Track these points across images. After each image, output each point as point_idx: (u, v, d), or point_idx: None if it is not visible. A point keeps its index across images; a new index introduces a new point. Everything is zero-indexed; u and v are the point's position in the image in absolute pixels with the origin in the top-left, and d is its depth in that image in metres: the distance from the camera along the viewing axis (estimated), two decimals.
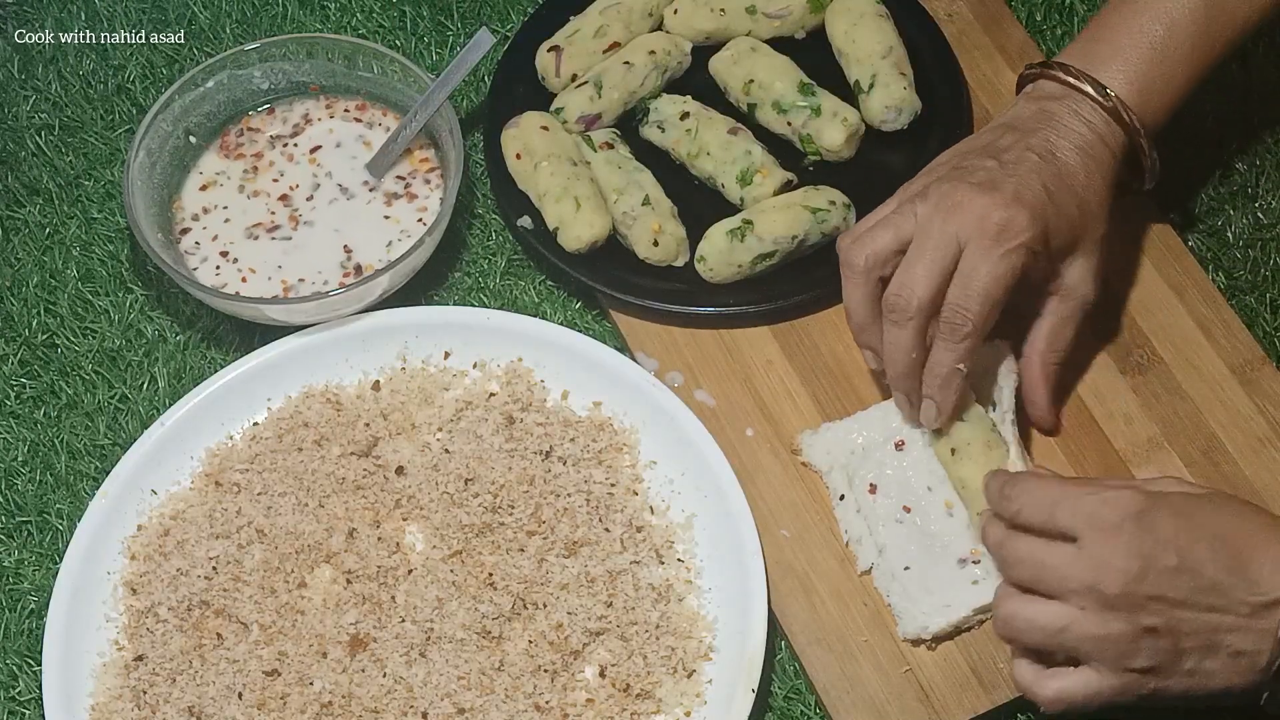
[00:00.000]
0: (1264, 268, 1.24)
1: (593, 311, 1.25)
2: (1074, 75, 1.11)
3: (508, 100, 1.30)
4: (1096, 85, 1.11)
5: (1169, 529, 0.95)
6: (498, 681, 1.09)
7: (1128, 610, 0.95)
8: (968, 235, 1.06)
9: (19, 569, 1.17)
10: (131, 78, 1.36)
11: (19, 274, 1.28)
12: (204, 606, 1.13)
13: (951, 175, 1.09)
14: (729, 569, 1.12)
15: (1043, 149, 1.10)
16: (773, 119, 1.27)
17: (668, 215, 1.23)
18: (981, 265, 1.06)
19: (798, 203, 1.21)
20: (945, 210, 1.07)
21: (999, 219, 1.06)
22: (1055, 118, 1.11)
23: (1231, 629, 0.94)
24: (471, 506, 1.15)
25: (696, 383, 1.20)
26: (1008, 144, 1.11)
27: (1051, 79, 1.13)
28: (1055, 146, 1.10)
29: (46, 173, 1.32)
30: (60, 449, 1.21)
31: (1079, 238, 1.10)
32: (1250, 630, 0.94)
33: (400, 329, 1.21)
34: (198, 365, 1.24)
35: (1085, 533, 0.96)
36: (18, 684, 1.13)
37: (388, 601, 1.12)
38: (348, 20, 1.38)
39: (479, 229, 1.29)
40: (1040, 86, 1.14)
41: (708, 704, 1.09)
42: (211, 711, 1.09)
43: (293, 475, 1.17)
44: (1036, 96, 1.13)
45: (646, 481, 1.17)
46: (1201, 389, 1.18)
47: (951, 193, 1.07)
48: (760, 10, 1.30)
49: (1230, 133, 1.29)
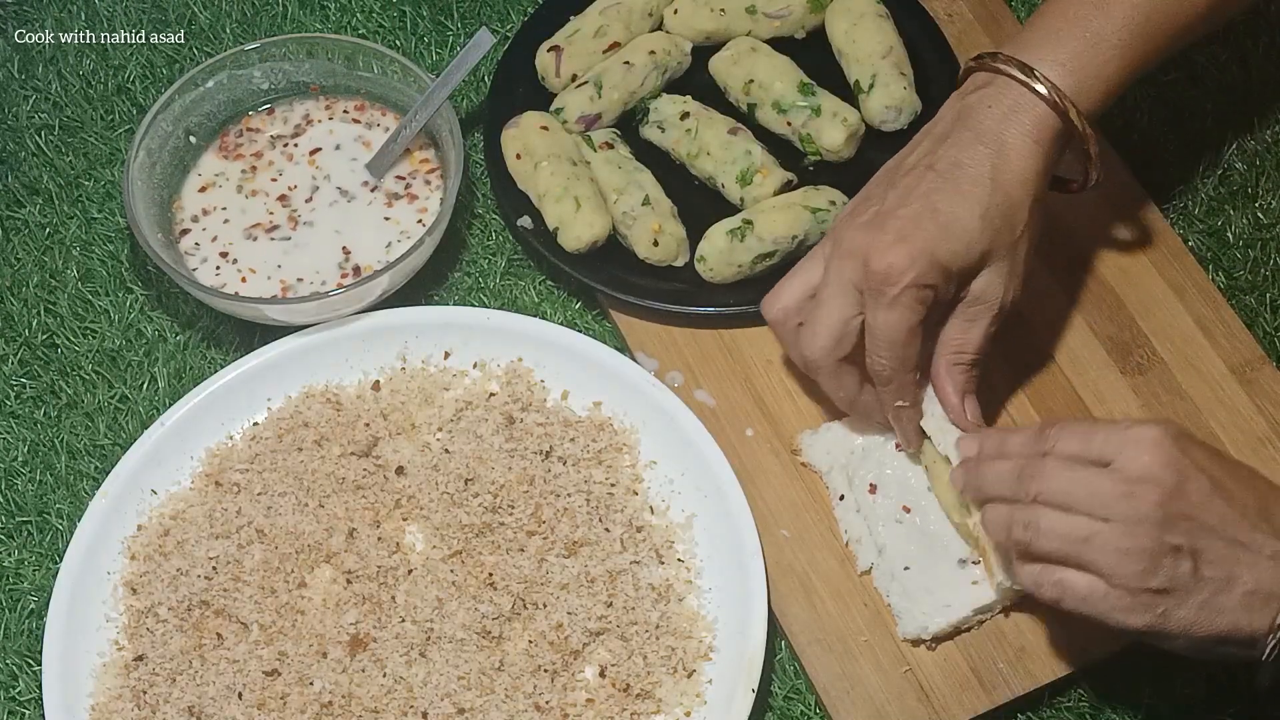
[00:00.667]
0: (1264, 268, 1.24)
1: (593, 311, 1.25)
2: (1002, 60, 1.09)
3: (508, 100, 1.30)
4: (1024, 67, 1.08)
5: (1204, 457, 0.97)
6: (498, 681, 1.09)
7: (1157, 525, 0.95)
8: (860, 283, 1.06)
9: (19, 569, 1.17)
10: (131, 78, 1.36)
11: (19, 274, 1.28)
12: (204, 606, 1.13)
13: (849, 213, 1.10)
14: (729, 569, 1.12)
15: (944, 162, 1.08)
16: (773, 119, 1.27)
17: (668, 215, 1.23)
18: (876, 315, 1.06)
19: (798, 203, 1.21)
20: (838, 258, 1.08)
21: (879, 267, 1.05)
22: (973, 114, 1.09)
23: (1251, 565, 0.95)
24: (471, 506, 1.15)
25: (696, 383, 1.20)
26: (914, 161, 1.09)
27: (982, 68, 1.11)
28: (961, 153, 1.08)
29: (46, 173, 1.32)
30: (60, 449, 1.21)
31: (987, 250, 1.08)
32: (1267, 571, 0.95)
33: (400, 329, 1.21)
34: (198, 365, 1.24)
35: (1124, 452, 0.96)
36: (18, 684, 1.13)
37: (388, 601, 1.12)
38: (348, 20, 1.38)
39: (479, 229, 1.29)
40: (972, 79, 1.12)
41: (708, 704, 1.09)
42: (211, 711, 1.09)
43: (293, 475, 1.17)
44: (964, 91, 1.11)
45: (646, 481, 1.17)
46: (1201, 389, 1.18)
47: (841, 237, 1.08)
48: (760, 10, 1.30)
49: (1230, 133, 1.29)
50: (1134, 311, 1.21)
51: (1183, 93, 1.31)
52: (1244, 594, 0.95)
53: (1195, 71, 1.32)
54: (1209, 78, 1.32)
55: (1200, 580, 0.95)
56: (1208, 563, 0.95)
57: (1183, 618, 0.96)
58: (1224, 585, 0.95)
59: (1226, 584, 0.95)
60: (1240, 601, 0.95)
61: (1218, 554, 0.95)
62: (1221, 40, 1.32)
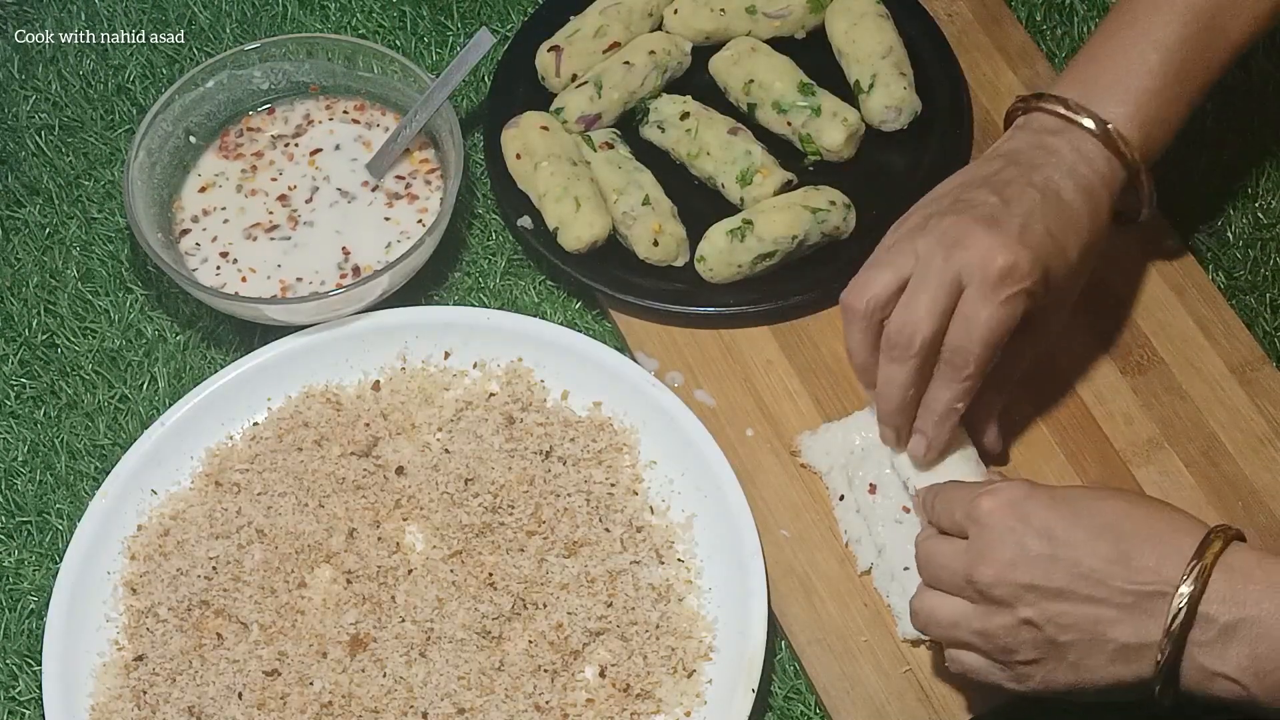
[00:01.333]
0: (1264, 268, 1.24)
1: (593, 311, 1.25)
2: (1073, 109, 1.08)
3: (508, 100, 1.30)
4: (1098, 120, 1.07)
5: (1045, 517, 0.94)
6: (498, 681, 1.09)
7: (1006, 602, 0.94)
8: (970, 275, 1.03)
9: (19, 569, 1.17)
10: (131, 78, 1.36)
11: (19, 274, 1.28)
12: (204, 606, 1.13)
13: (953, 208, 1.06)
14: (729, 569, 1.12)
15: (1045, 187, 1.06)
16: (773, 119, 1.27)
17: (668, 215, 1.23)
18: (983, 309, 1.03)
19: (798, 203, 1.21)
20: (947, 245, 1.04)
21: (1003, 262, 1.03)
22: (1057, 153, 1.08)
23: (1114, 621, 0.93)
24: (471, 506, 1.15)
25: (696, 383, 1.20)
26: (1009, 178, 1.07)
27: (1049, 113, 1.09)
28: (1059, 186, 1.07)
29: (46, 173, 1.32)
30: (60, 449, 1.21)
31: (1073, 284, 1.08)
32: (1132, 622, 0.92)
33: (400, 329, 1.21)
34: (198, 365, 1.24)
35: (970, 525, 0.96)
36: (18, 684, 1.13)
37: (388, 601, 1.12)
38: (348, 20, 1.38)
39: (479, 229, 1.29)
40: (1036, 119, 1.10)
41: (708, 704, 1.09)
42: (211, 711, 1.09)
43: (293, 475, 1.17)
44: (1034, 129, 1.09)
45: (646, 481, 1.17)
46: (1201, 389, 1.18)
47: (954, 227, 1.04)
48: (760, 10, 1.30)
49: (1230, 133, 1.29)
50: (1134, 311, 1.21)
51: None
52: (1114, 650, 0.93)
53: None
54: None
55: (1062, 646, 0.94)
56: (1064, 628, 0.94)
57: (1062, 680, 0.95)
58: (1090, 646, 0.94)
59: (1092, 644, 0.93)
60: (1112, 656, 0.93)
61: (1074, 617, 0.93)
62: None
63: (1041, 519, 0.94)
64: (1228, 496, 1.14)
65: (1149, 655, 0.92)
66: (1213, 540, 0.92)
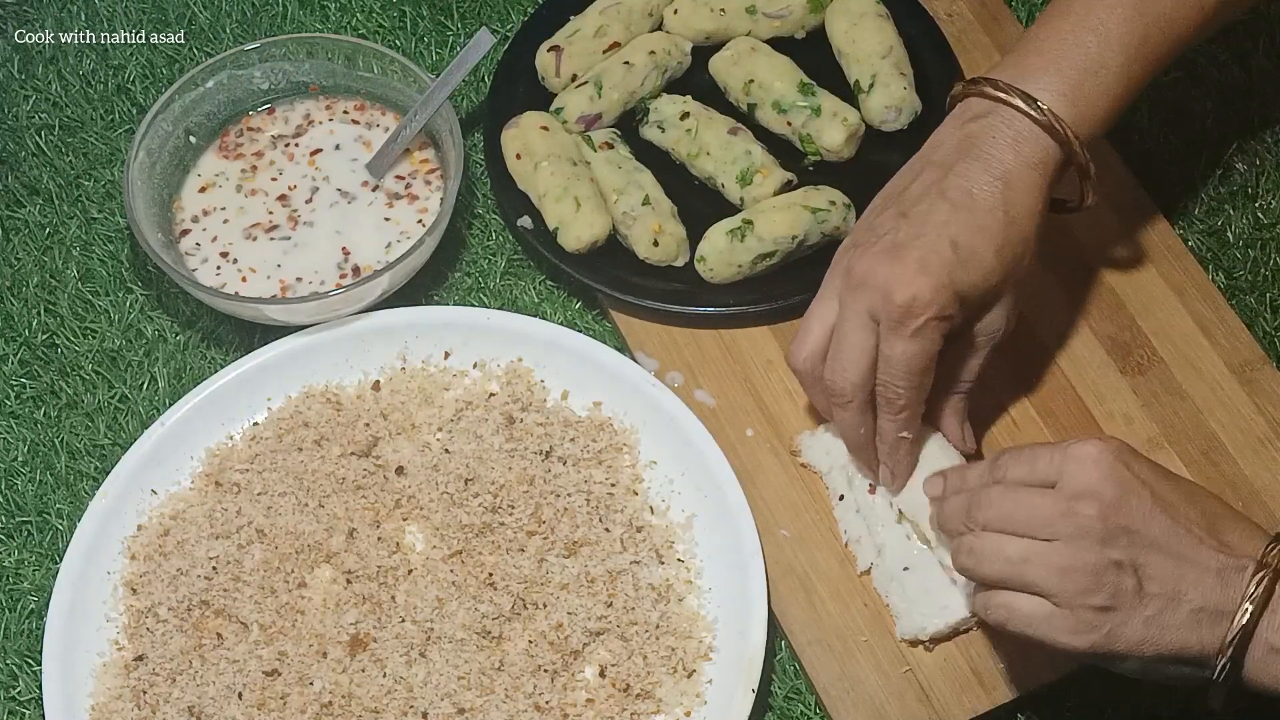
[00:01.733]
0: (1264, 268, 1.24)
1: (593, 311, 1.25)
2: (1002, 89, 1.06)
3: (508, 100, 1.30)
4: (1026, 98, 1.06)
5: (1148, 472, 0.95)
6: (498, 681, 1.09)
7: (1098, 540, 0.93)
8: (877, 313, 1.04)
9: (19, 569, 1.17)
10: (131, 78, 1.36)
11: (19, 274, 1.28)
12: (204, 606, 1.13)
13: (859, 238, 1.07)
14: (729, 569, 1.12)
15: (956, 191, 1.05)
16: (773, 119, 1.27)
17: (668, 215, 1.23)
18: (896, 345, 1.04)
19: (798, 203, 1.21)
20: (853, 287, 1.05)
21: (901, 299, 1.03)
22: (977, 144, 1.06)
23: (1197, 582, 0.93)
24: (471, 506, 1.15)
25: (696, 383, 1.20)
26: (921, 189, 1.06)
27: (980, 95, 1.08)
28: (973, 184, 1.05)
29: (46, 173, 1.32)
30: (60, 449, 1.21)
31: (997, 285, 1.07)
32: (1215, 588, 0.93)
33: (400, 329, 1.21)
34: (198, 365, 1.24)
35: (1065, 470, 0.95)
36: (18, 684, 1.13)
37: (388, 601, 1.12)
38: (348, 20, 1.38)
39: (479, 229, 1.29)
40: (968, 105, 1.09)
41: (708, 704, 1.09)
42: (211, 711, 1.09)
43: (293, 475, 1.17)
44: (963, 119, 1.08)
45: (646, 481, 1.17)
46: (1201, 389, 1.18)
47: (858, 265, 1.05)
48: (760, 10, 1.30)
49: (1230, 133, 1.29)
50: (1134, 311, 1.21)
51: (1183, 93, 1.31)
52: (1191, 611, 0.94)
53: (1195, 71, 1.32)
54: (1209, 78, 1.32)
55: (1145, 596, 0.94)
56: (1151, 578, 0.94)
57: (1129, 636, 0.94)
58: (1170, 602, 0.94)
59: (1172, 600, 0.94)
60: (1188, 619, 0.94)
61: (1162, 569, 0.94)
62: (1221, 40, 1.32)
63: (1142, 471, 0.95)
64: (1228, 496, 1.14)
65: (1222, 625, 0.93)
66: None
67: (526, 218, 1.25)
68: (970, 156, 1.06)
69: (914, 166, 1.09)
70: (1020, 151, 1.06)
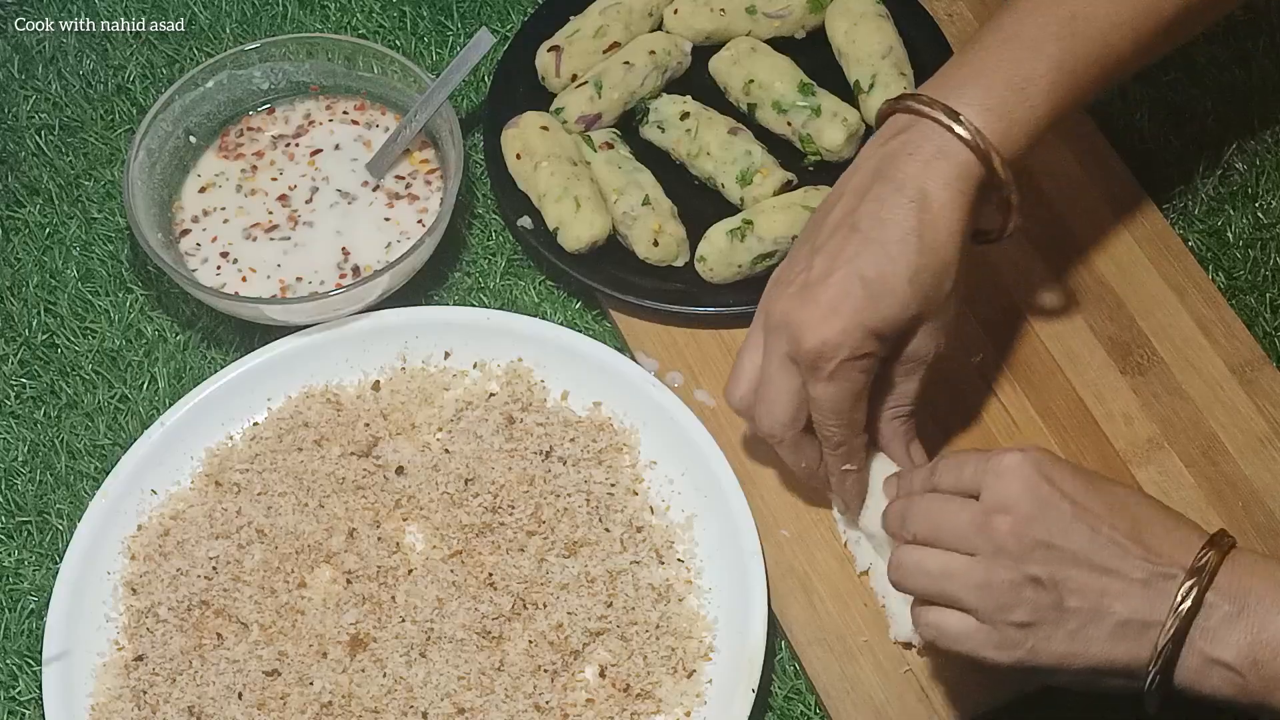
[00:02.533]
0: (1264, 268, 1.24)
1: (593, 311, 1.25)
2: (925, 103, 1.03)
3: (508, 100, 1.30)
4: (949, 112, 1.02)
5: (1070, 483, 0.94)
6: (498, 681, 1.09)
7: (1015, 557, 0.93)
8: (793, 355, 1.03)
9: (19, 569, 1.17)
10: (131, 78, 1.36)
11: (19, 274, 1.28)
12: (204, 606, 1.13)
13: (777, 275, 1.06)
14: (729, 569, 1.12)
15: (867, 220, 1.02)
16: (773, 119, 1.27)
17: (668, 215, 1.23)
18: (816, 389, 1.03)
19: (798, 203, 1.21)
20: (771, 331, 1.04)
21: (812, 345, 1.01)
22: (893, 164, 1.02)
23: (1121, 594, 0.92)
24: (471, 506, 1.15)
25: (696, 383, 1.20)
26: (835, 221, 1.04)
27: (904, 110, 1.04)
28: (885, 210, 1.02)
29: (46, 173, 1.32)
30: (60, 449, 1.21)
31: (918, 313, 1.04)
32: (1140, 598, 0.92)
33: (400, 329, 1.21)
34: (198, 365, 1.24)
35: (987, 478, 0.94)
36: (18, 684, 1.13)
37: (388, 601, 1.12)
38: (348, 20, 1.38)
39: (479, 229, 1.29)
40: (893, 121, 1.06)
41: (708, 704, 1.09)
42: (211, 711, 1.09)
43: (293, 475, 1.17)
44: (885, 136, 1.05)
45: (646, 481, 1.17)
46: (1201, 389, 1.18)
47: (771, 306, 1.05)
48: (760, 10, 1.30)
49: (1230, 133, 1.29)
50: (1134, 311, 1.21)
51: (1183, 93, 1.31)
52: (1117, 623, 0.92)
53: (1195, 71, 1.32)
54: (1209, 78, 1.32)
55: (1065, 612, 0.92)
56: (1072, 592, 0.92)
57: (1053, 651, 0.93)
58: (1093, 615, 0.92)
59: (1096, 614, 0.92)
60: (1113, 631, 0.92)
61: (1082, 583, 0.92)
62: (1221, 40, 1.32)
63: (1064, 481, 0.94)
64: (1228, 496, 1.14)
65: (1150, 636, 0.92)
66: (1220, 539, 0.93)
67: (526, 218, 1.25)
68: (884, 179, 1.03)
69: (833, 194, 1.07)
70: (939, 168, 1.02)
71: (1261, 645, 0.91)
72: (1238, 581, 0.92)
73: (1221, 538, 0.93)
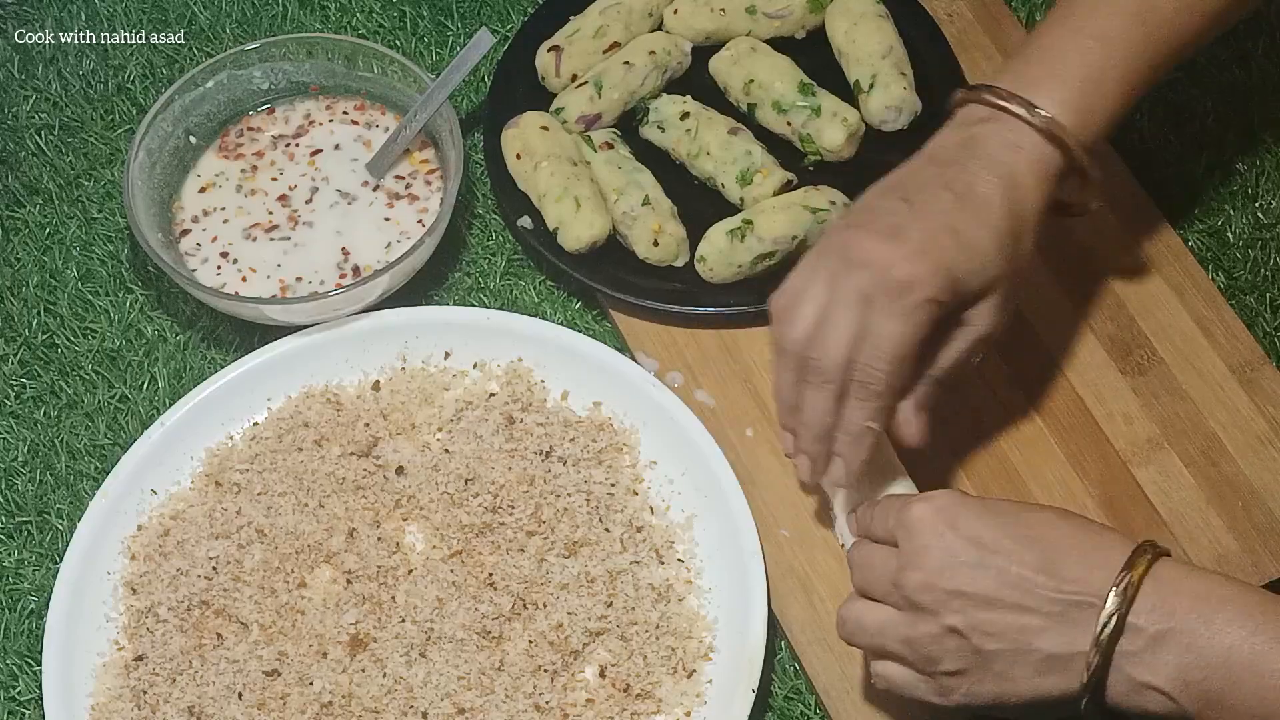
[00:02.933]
0: (1264, 268, 1.24)
1: (593, 311, 1.25)
2: (1003, 97, 1.06)
3: (508, 100, 1.30)
4: (1028, 105, 1.05)
5: (973, 525, 0.94)
6: (498, 681, 1.09)
7: (932, 609, 0.94)
8: (871, 290, 1.02)
9: (19, 569, 1.17)
10: (131, 78, 1.36)
11: (19, 274, 1.28)
12: (204, 606, 1.13)
13: (858, 220, 1.06)
14: (729, 569, 1.12)
15: (960, 185, 1.05)
16: (773, 119, 1.27)
17: (668, 215, 1.23)
18: (886, 324, 1.02)
19: (798, 203, 1.21)
20: (850, 264, 1.03)
21: (901, 275, 1.01)
22: (978, 145, 1.05)
23: (1040, 630, 0.92)
24: (471, 506, 1.15)
25: (696, 383, 1.20)
26: (922, 181, 1.06)
27: (981, 102, 1.07)
28: (974, 180, 1.04)
29: (46, 173, 1.32)
30: (60, 449, 1.21)
31: (994, 277, 1.05)
32: (1060, 632, 0.92)
33: (400, 329, 1.21)
34: (198, 365, 1.24)
35: (899, 531, 0.96)
36: (18, 684, 1.13)
37: (388, 601, 1.12)
38: (348, 20, 1.38)
39: (479, 229, 1.29)
40: (969, 111, 1.08)
41: (708, 704, 1.09)
42: (211, 711, 1.09)
43: (293, 475, 1.17)
44: (963, 123, 1.08)
45: (646, 481, 1.17)
46: (1201, 389, 1.18)
47: (854, 243, 1.03)
48: (760, 10, 1.30)
49: (1230, 133, 1.29)
50: (1134, 311, 1.21)
51: (1183, 93, 1.31)
52: (1040, 660, 0.93)
53: (1195, 71, 1.32)
54: (1209, 78, 1.32)
55: (988, 655, 0.93)
56: (989, 636, 0.93)
57: (985, 693, 0.95)
58: (1016, 655, 0.93)
59: (1017, 654, 0.93)
60: (1037, 668, 0.93)
61: (1000, 625, 0.93)
62: (1221, 40, 1.32)
63: (970, 526, 0.94)
64: (1228, 496, 1.14)
65: (1076, 666, 0.92)
66: (1141, 554, 0.92)
67: (526, 218, 1.25)
68: (973, 155, 1.06)
69: (915, 162, 1.08)
70: (1023, 155, 1.05)
71: (1190, 666, 0.90)
72: (1162, 601, 0.91)
73: (1144, 551, 0.92)
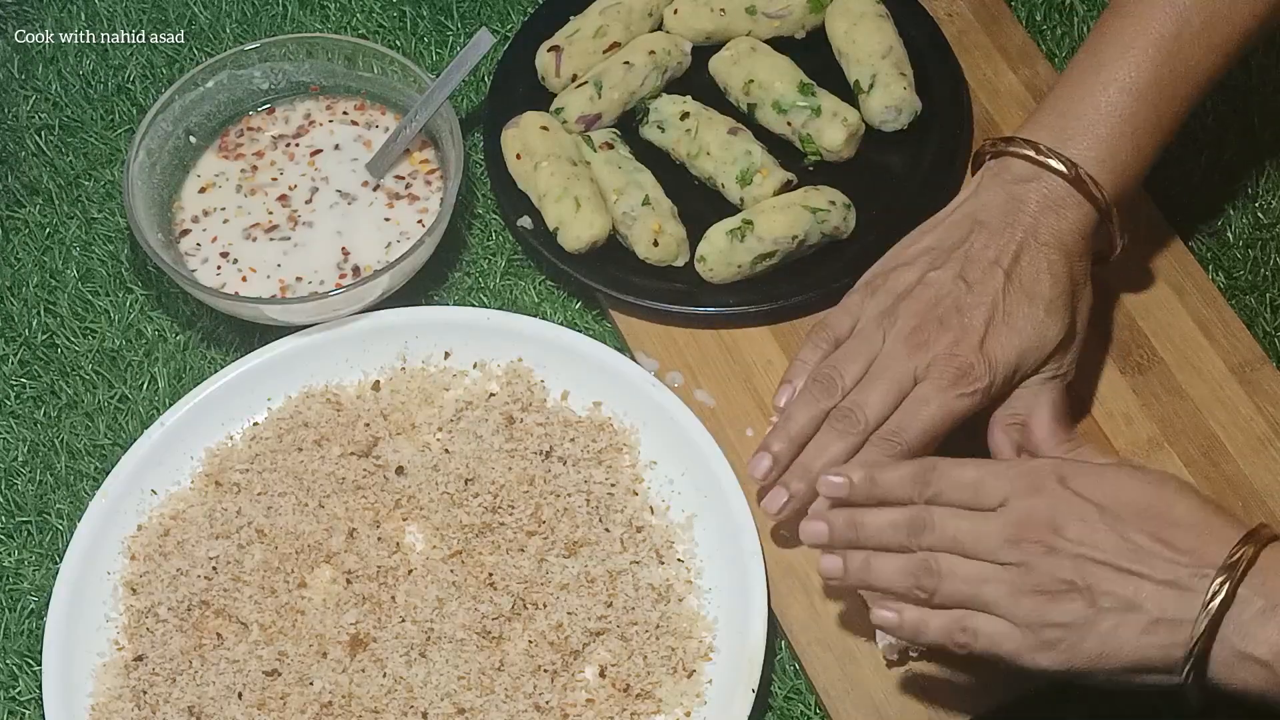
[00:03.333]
0: (1264, 268, 1.24)
1: (593, 311, 1.25)
2: (1044, 154, 1.09)
3: (508, 100, 1.30)
4: (1068, 164, 1.09)
5: (1092, 490, 0.96)
6: (498, 681, 1.09)
7: (1046, 563, 0.95)
8: (927, 368, 1.07)
9: (19, 569, 1.17)
10: (131, 78, 1.36)
11: (19, 274, 1.28)
12: (204, 606, 1.13)
13: (918, 299, 1.09)
14: (729, 569, 1.12)
15: (1010, 261, 1.08)
16: (773, 119, 1.27)
17: (668, 215, 1.23)
18: (934, 398, 1.07)
19: (798, 203, 1.21)
20: (911, 346, 1.08)
21: (959, 365, 1.06)
22: (1025, 206, 1.09)
23: (1152, 595, 0.94)
24: (471, 506, 1.15)
25: (696, 383, 1.20)
26: (974, 254, 1.09)
27: (1019, 157, 1.10)
28: (1023, 249, 1.09)
29: (46, 173, 1.32)
30: (60, 449, 1.21)
31: (1041, 356, 1.09)
32: (1171, 597, 0.94)
33: (400, 329, 1.21)
34: (198, 365, 1.24)
35: (1010, 496, 0.97)
36: (18, 684, 1.13)
37: (388, 601, 1.12)
38: (348, 20, 1.38)
39: (479, 229, 1.29)
40: (1007, 165, 1.11)
41: (708, 704, 1.09)
42: (211, 711, 1.09)
43: (293, 475, 1.17)
44: (1005, 179, 1.11)
45: (646, 481, 1.17)
46: (1201, 389, 1.18)
47: (920, 330, 1.08)
48: (760, 10, 1.30)
49: (1230, 133, 1.29)
50: (1134, 311, 1.21)
51: None
52: (1148, 623, 0.94)
53: None
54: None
55: (1098, 613, 0.95)
56: (1103, 594, 0.94)
57: (1088, 651, 0.95)
58: (1125, 615, 0.94)
59: (1127, 614, 0.94)
60: (1146, 630, 0.94)
61: (1112, 585, 0.94)
62: None
63: (1090, 492, 0.96)
64: (1228, 496, 1.14)
65: (1182, 633, 0.93)
66: (1258, 531, 0.94)
67: (526, 218, 1.25)
68: (1016, 225, 1.09)
69: (961, 224, 1.11)
70: (1065, 217, 1.09)
71: None
72: (1274, 577, 0.93)
73: (1260, 531, 0.95)
